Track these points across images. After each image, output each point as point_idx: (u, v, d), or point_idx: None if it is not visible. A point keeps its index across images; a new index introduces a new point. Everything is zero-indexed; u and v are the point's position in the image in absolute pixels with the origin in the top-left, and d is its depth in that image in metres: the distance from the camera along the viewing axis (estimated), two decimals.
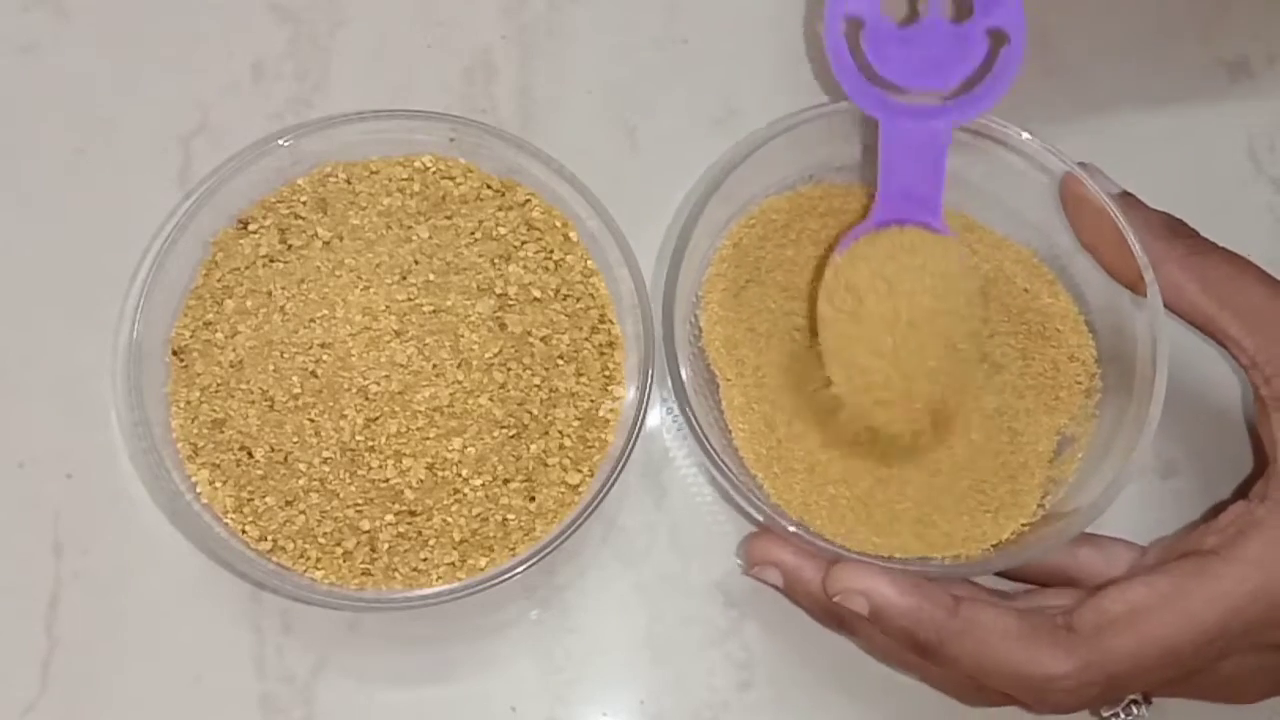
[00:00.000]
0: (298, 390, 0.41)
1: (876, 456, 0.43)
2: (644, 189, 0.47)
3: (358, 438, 0.41)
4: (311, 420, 0.41)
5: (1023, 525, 0.42)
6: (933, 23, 0.41)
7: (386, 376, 0.41)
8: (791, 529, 0.40)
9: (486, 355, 0.42)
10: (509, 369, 0.42)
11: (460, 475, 0.41)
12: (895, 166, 0.41)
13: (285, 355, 0.41)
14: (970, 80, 0.41)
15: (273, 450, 0.41)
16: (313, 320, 0.42)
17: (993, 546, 0.42)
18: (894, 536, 0.41)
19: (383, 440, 0.41)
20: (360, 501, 0.41)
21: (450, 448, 0.41)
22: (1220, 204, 0.49)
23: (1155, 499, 0.46)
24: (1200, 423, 0.47)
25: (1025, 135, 0.44)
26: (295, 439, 0.41)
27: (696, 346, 0.44)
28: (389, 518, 0.40)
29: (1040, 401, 0.44)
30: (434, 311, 0.42)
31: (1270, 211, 0.50)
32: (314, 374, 0.41)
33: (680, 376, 0.41)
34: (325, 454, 0.41)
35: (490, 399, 0.41)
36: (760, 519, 0.40)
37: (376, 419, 0.41)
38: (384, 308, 0.42)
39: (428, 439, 0.41)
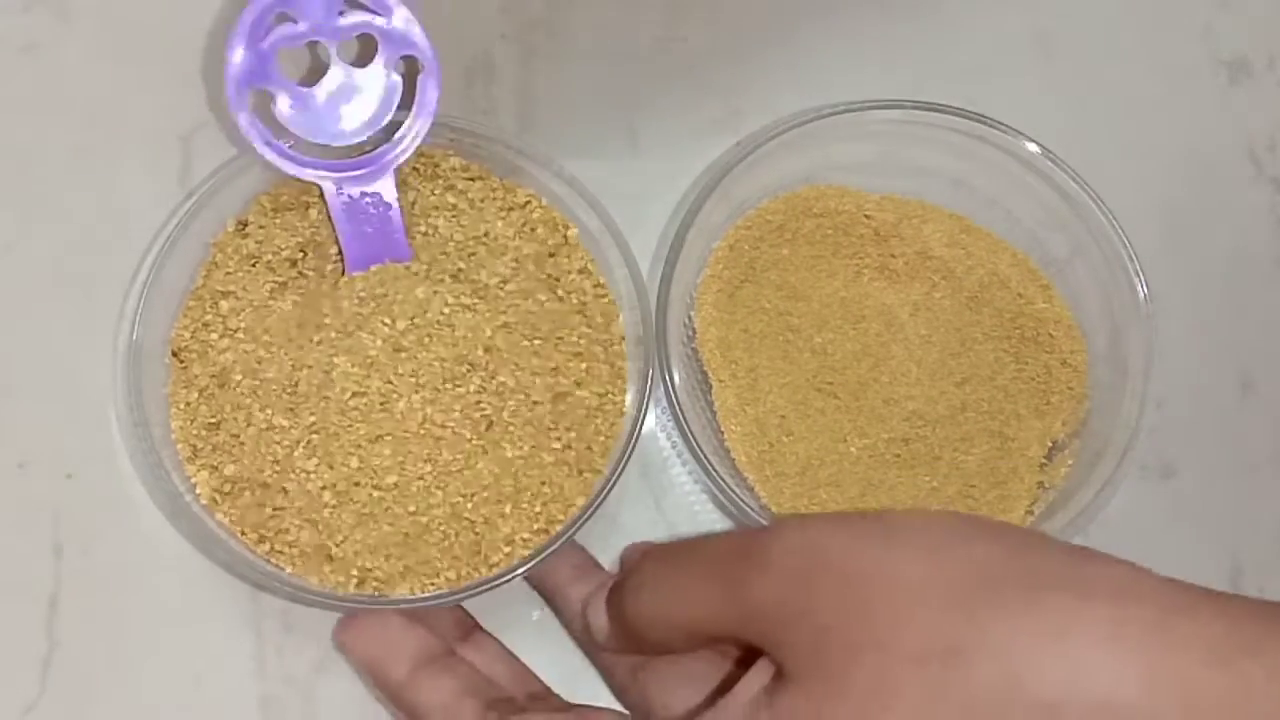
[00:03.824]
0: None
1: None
2: (644, 189, 0.47)
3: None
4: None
5: None
6: (338, 71, 0.40)
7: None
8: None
9: (486, 357, 0.41)
10: (509, 370, 0.42)
11: (460, 476, 0.41)
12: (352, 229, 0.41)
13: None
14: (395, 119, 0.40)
15: None
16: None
17: None
18: None
19: (382, 440, 0.41)
20: (359, 502, 0.40)
21: (450, 448, 0.41)
22: (1220, 204, 0.49)
23: (1155, 499, 0.46)
24: (1199, 423, 0.47)
25: (1023, 139, 0.44)
26: None
27: (690, 348, 0.44)
28: (388, 519, 0.40)
29: (1032, 406, 0.44)
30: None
31: (1270, 211, 0.50)
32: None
33: (672, 379, 0.41)
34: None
35: (489, 400, 0.41)
36: (748, 523, 0.40)
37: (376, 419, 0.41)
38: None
39: (427, 440, 0.41)
